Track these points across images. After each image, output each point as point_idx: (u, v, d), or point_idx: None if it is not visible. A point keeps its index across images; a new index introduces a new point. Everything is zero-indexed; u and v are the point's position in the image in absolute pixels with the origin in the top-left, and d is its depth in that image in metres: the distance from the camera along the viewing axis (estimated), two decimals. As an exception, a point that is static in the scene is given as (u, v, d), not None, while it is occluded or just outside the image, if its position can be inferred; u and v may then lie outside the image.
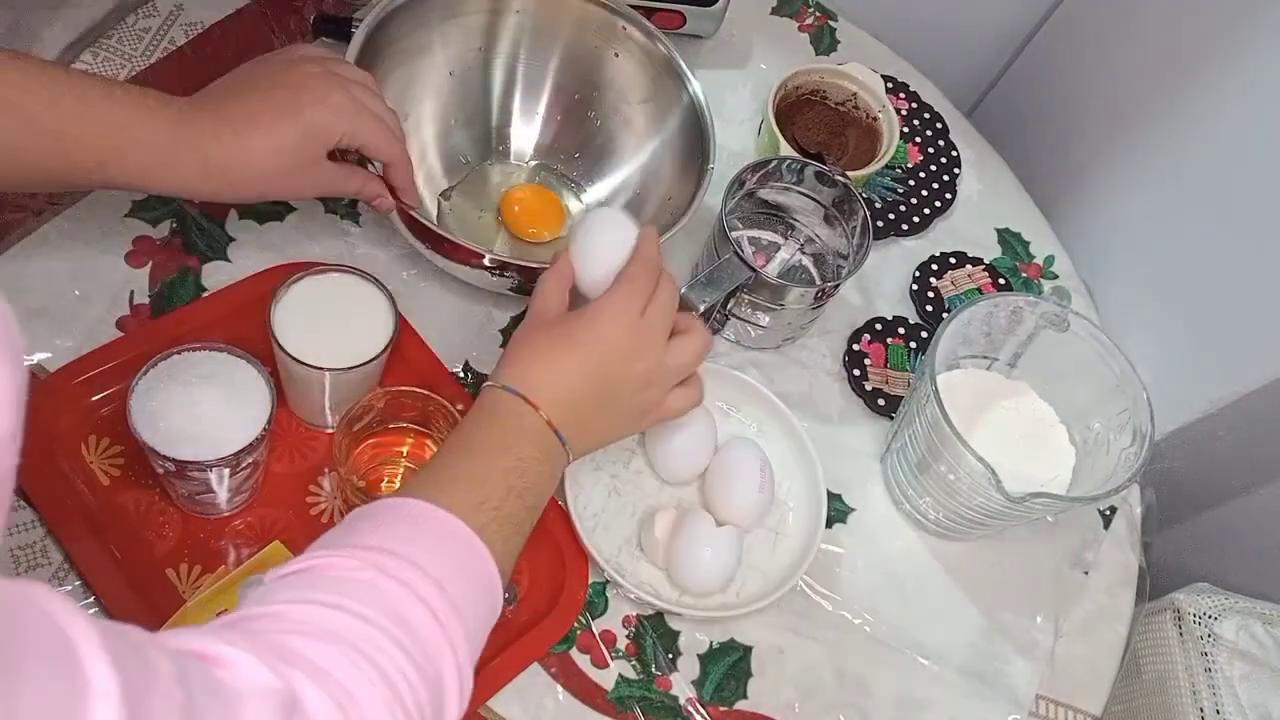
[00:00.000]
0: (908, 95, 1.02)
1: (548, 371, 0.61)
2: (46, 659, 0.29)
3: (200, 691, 0.35)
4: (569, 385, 0.61)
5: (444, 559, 0.51)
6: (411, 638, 0.47)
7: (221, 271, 0.78)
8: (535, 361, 0.62)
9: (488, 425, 0.60)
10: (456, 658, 0.49)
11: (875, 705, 0.74)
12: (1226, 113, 0.86)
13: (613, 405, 0.63)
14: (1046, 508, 0.73)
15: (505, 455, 0.58)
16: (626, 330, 0.62)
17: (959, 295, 0.92)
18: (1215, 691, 0.84)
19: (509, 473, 0.57)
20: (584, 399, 0.61)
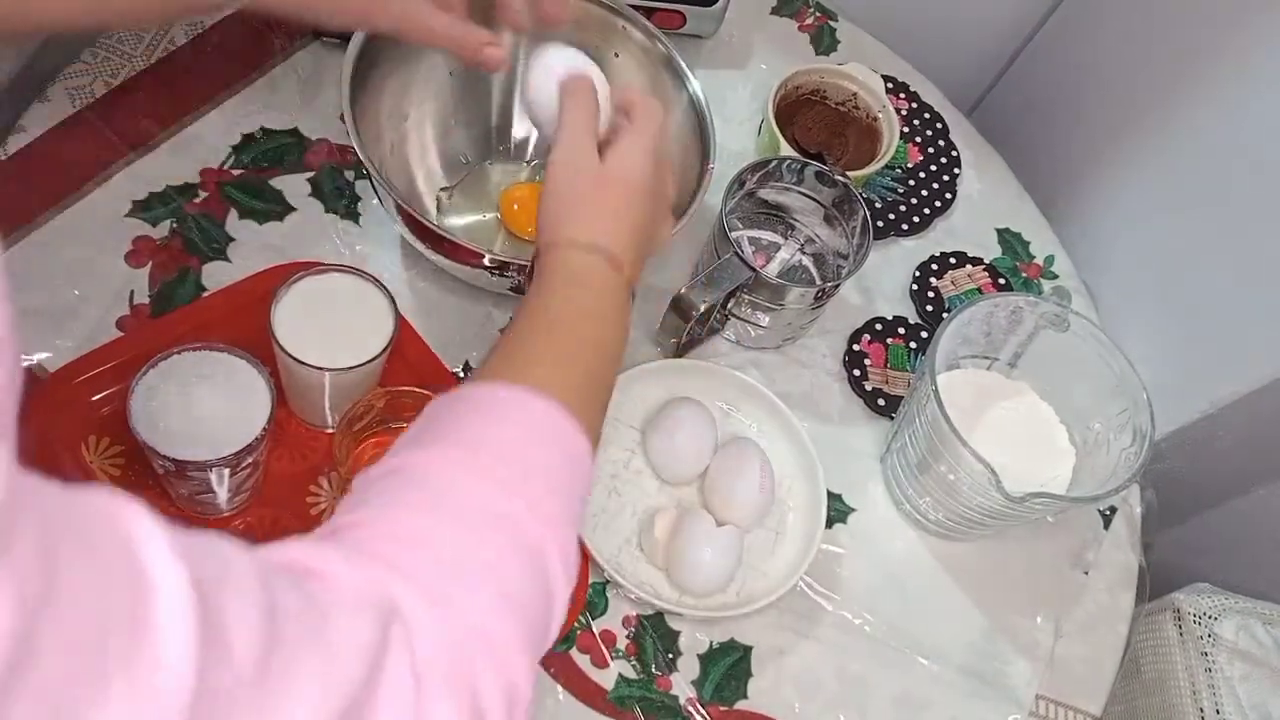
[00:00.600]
0: (908, 95, 1.02)
1: (612, 217, 0.59)
2: (105, 555, 0.28)
3: (288, 598, 0.34)
4: (634, 223, 0.59)
5: (533, 444, 0.49)
6: (508, 532, 0.45)
7: (221, 271, 0.78)
8: (593, 209, 0.59)
9: (565, 292, 0.56)
10: (557, 542, 0.46)
11: (875, 705, 0.74)
12: (1226, 113, 0.86)
13: (651, 228, 0.62)
14: (1046, 508, 0.73)
15: (584, 325, 0.55)
16: (655, 157, 0.61)
17: (959, 295, 0.92)
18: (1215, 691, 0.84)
19: (589, 344, 0.55)
20: (643, 230, 0.60)
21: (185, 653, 0.28)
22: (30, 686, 0.24)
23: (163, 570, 0.29)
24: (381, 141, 0.81)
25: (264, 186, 0.83)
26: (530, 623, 0.44)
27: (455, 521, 0.44)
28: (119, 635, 0.27)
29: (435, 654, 0.39)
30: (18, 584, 0.25)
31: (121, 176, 0.80)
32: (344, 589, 0.37)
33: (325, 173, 0.84)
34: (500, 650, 0.41)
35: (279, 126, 0.86)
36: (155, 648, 0.28)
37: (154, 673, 0.28)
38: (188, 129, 0.84)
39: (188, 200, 0.80)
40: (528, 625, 0.44)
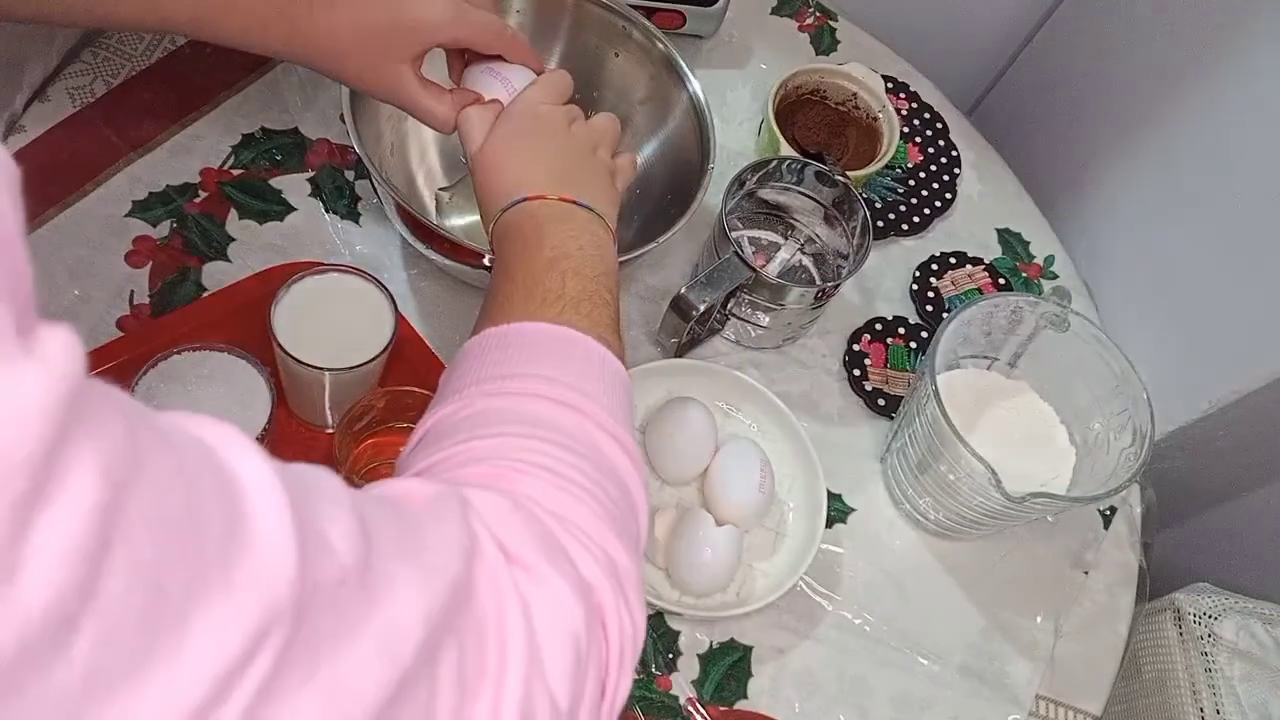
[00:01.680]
0: (908, 95, 1.02)
1: (525, 160, 0.62)
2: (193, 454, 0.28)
3: (377, 510, 0.34)
4: (546, 161, 0.61)
5: (548, 358, 0.50)
6: (560, 432, 0.46)
7: (221, 271, 0.78)
8: (509, 161, 0.62)
9: (511, 245, 0.58)
10: (623, 445, 0.48)
11: (875, 705, 0.74)
12: (1226, 113, 0.86)
13: (584, 161, 0.63)
14: (1046, 508, 0.73)
15: (539, 252, 0.56)
16: (541, 108, 0.64)
17: (959, 295, 0.92)
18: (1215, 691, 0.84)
19: (552, 263, 0.55)
20: (562, 165, 0.62)
21: (285, 541, 0.28)
22: (123, 561, 0.23)
23: (253, 470, 0.29)
24: (381, 141, 0.81)
25: (264, 186, 0.83)
26: (605, 502, 0.44)
27: (513, 438, 0.45)
28: (214, 523, 0.27)
29: (524, 539, 0.39)
30: (103, 455, 0.23)
31: (121, 176, 0.80)
32: (424, 497, 0.38)
33: (325, 173, 0.84)
34: (586, 526, 0.42)
35: (279, 126, 0.86)
36: (253, 535, 0.27)
37: (255, 556, 0.27)
38: (188, 129, 0.84)
39: (188, 200, 0.80)
40: (603, 504, 0.44)
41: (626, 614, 0.42)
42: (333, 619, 0.29)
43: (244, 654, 0.26)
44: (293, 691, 0.27)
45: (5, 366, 0.22)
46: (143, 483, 0.24)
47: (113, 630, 0.23)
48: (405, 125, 0.84)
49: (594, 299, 0.55)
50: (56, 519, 0.22)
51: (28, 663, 0.22)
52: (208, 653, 0.25)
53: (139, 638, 0.24)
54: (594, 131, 0.65)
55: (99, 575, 0.23)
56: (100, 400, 0.24)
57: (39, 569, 0.21)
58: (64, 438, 0.22)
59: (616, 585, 0.42)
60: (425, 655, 0.32)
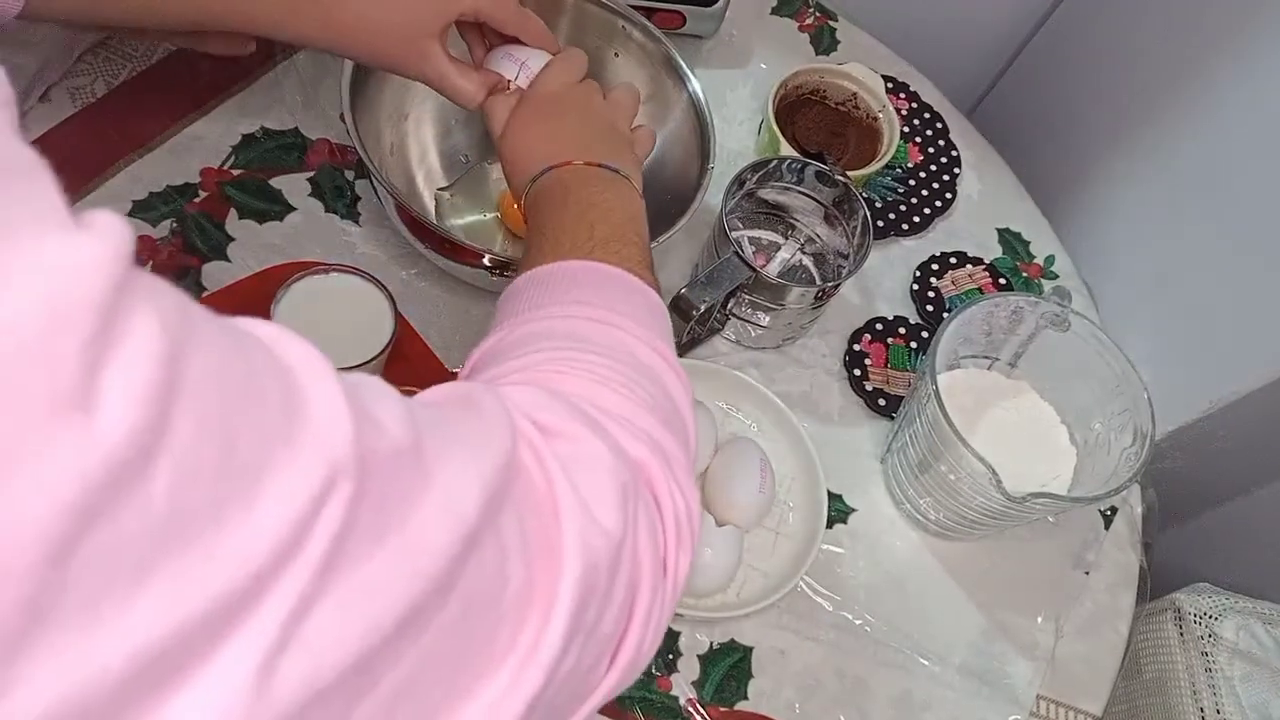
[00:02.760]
0: (908, 95, 1.02)
1: (547, 137, 0.64)
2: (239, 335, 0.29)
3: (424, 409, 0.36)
4: (570, 132, 0.64)
5: (586, 289, 0.52)
6: (603, 344, 0.48)
7: (221, 271, 0.78)
8: (533, 140, 0.64)
9: (540, 210, 0.61)
10: (670, 364, 0.49)
11: (875, 705, 0.74)
12: (1227, 112, 0.86)
13: (603, 133, 0.66)
14: (1047, 508, 0.73)
15: (566, 208, 0.59)
16: (562, 86, 0.67)
17: (959, 295, 0.92)
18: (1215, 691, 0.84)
19: (580, 214, 0.58)
20: (584, 137, 0.64)
21: (339, 412, 0.29)
22: (191, 409, 0.24)
23: (303, 352, 0.30)
24: (381, 141, 0.81)
25: (264, 186, 0.83)
26: (660, 410, 0.46)
27: (574, 351, 0.47)
28: (271, 392, 0.28)
29: (562, 416, 0.41)
30: (160, 313, 0.24)
31: (122, 176, 0.80)
32: (461, 394, 0.40)
33: (325, 173, 0.84)
34: (636, 420, 0.43)
35: (279, 126, 0.86)
36: (310, 405, 0.28)
37: (314, 423, 0.28)
38: (188, 129, 0.84)
39: (188, 200, 0.80)
40: (659, 411, 0.45)
41: (678, 491, 0.43)
42: (394, 484, 0.30)
43: (313, 505, 0.27)
44: (366, 545, 0.29)
45: (63, 233, 0.23)
46: (200, 346, 0.26)
47: (189, 473, 0.24)
48: (405, 125, 0.84)
49: (622, 239, 0.57)
50: (127, 359, 0.23)
51: (116, 491, 0.23)
52: (280, 503, 0.26)
53: (214, 484, 0.25)
54: (613, 105, 0.68)
55: (170, 417, 0.24)
56: (149, 277, 0.25)
57: (116, 402, 0.23)
58: (124, 289, 0.23)
59: (664, 464, 0.43)
60: (488, 517, 0.33)
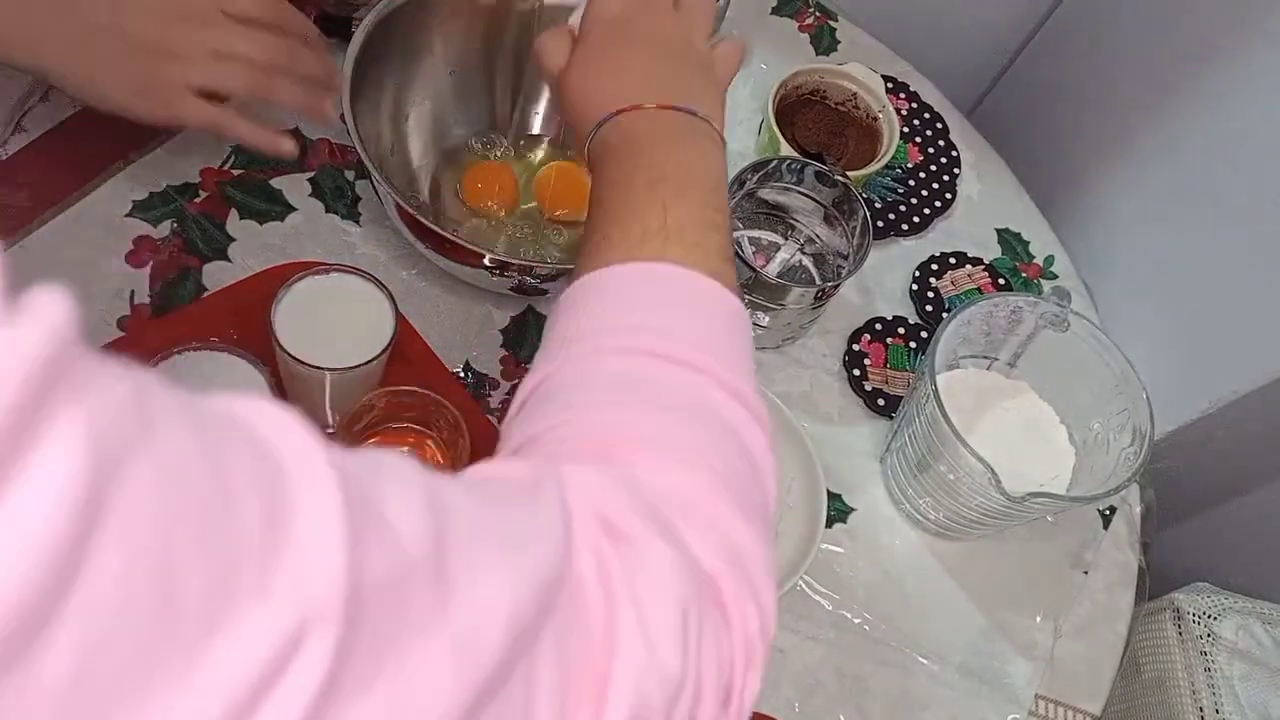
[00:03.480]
0: (908, 95, 1.02)
1: (611, 71, 0.55)
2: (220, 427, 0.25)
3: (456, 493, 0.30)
4: (637, 66, 0.55)
5: (655, 307, 0.45)
6: (675, 398, 0.41)
7: (221, 271, 0.78)
8: (593, 81, 0.55)
9: (604, 173, 0.52)
10: (748, 408, 0.43)
11: (875, 705, 0.74)
12: (1226, 113, 0.86)
13: (678, 58, 0.57)
14: (1046, 508, 0.73)
15: (634, 178, 0.50)
16: (621, 7, 0.58)
17: (959, 295, 0.92)
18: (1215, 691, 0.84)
19: (650, 188, 0.49)
20: (654, 66, 0.55)
21: (332, 530, 0.24)
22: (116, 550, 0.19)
23: (297, 446, 0.25)
24: (381, 141, 0.81)
25: (264, 186, 0.83)
26: (739, 491, 0.39)
27: (639, 408, 0.40)
28: (247, 508, 0.23)
29: (628, 513, 0.35)
30: (94, 424, 0.20)
31: (121, 176, 0.80)
32: (517, 477, 0.34)
33: (325, 173, 0.84)
34: (707, 511, 0.37)
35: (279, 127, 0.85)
36: (295, 523, 0.24)
37: (296, 549, 0.23)
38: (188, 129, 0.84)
39: (188, 200, 0.80)
40: (738, 493, 0.39)
41: (753, 605, 0.37)
42: (396, 614, 0.25)
43: (278, 661, 0.22)
44: (348, 698, 0.24)
45: None
46: (148, 458, 0.21)
47: (106, 632, 0.20)
48: (405, 125, 0.84)
49: (701, 225, 0.49)
50: (31, 487, 0.19)
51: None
52: (235, 661, 0.21)
53: (144, 641, 0.20)
54: (684, 20, 0.58)
55: (83, 564, 0.19)
56: (97, 364, 0.21)
57: (6, 551, 0.18)
58: (43, 402, 0.19)
59: (740, 572, 0.37)
60: (519, 649, 0.28)
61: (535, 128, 0.89)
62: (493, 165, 0.87)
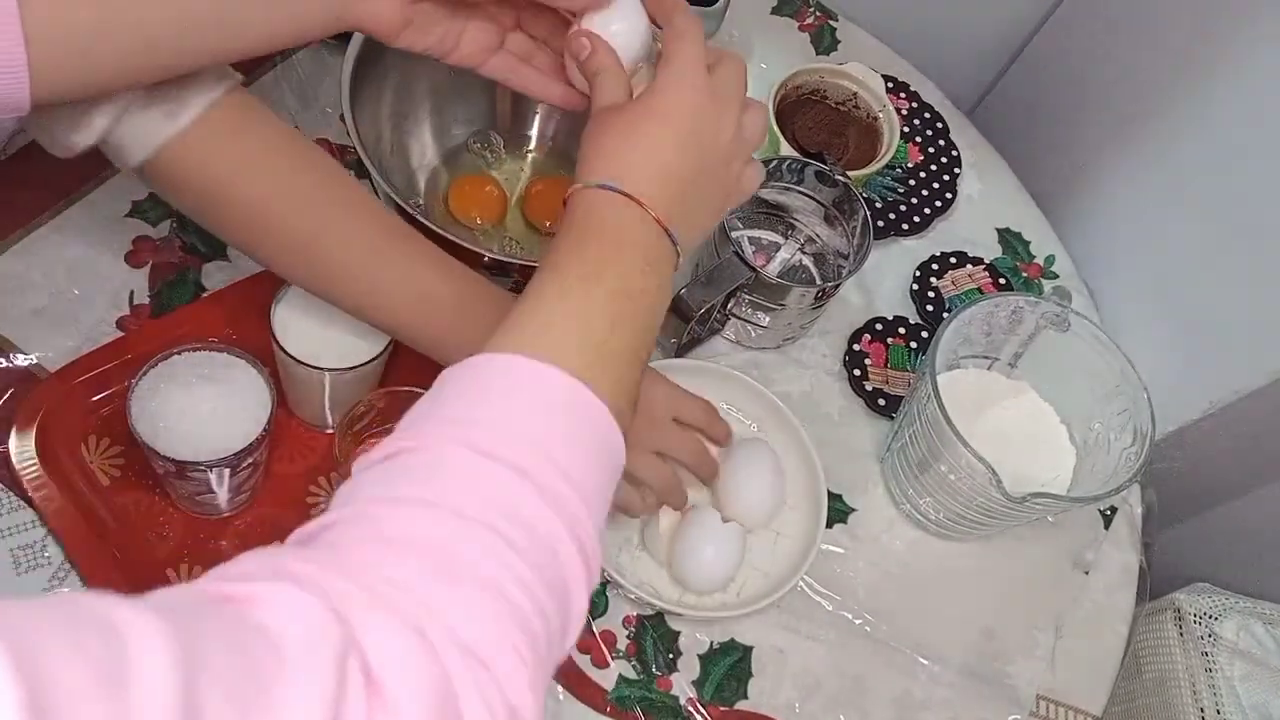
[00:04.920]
0: (908, 95, 1.02)
1: (639, 153, 0.52)
2: None
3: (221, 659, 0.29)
4: (666, 163, 0.52)
5: (544, 418, 0.43)
6: (518, 524, 0.39)
7: (221, 271, 0.78)
8: (621, 146, 0.53)
9: (579, 243, 0.50)
10: (575, 535, 0.41)
11: (875, 705, 0.74)
12: (1226, 113, 0.86)
13: (709, 181, 0.55)
14: (1047, 508, 0.73)
15: (605, 278, 0.49)
16: (706, 92, 0.54)
17: (959, 295, 0.92)
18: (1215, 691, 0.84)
19: (612, 298, 0.48)
20: (683, 177, 0.53)
21: None
22: None
23: None
24: (381, 141, 0.81)
25: (264, 186, 0.82)
26: (537, 633, 0.38)
27: (450, 517, 0.39)
28: None
29: (411, 689, 0.33)
30: None
31: (121, 176, 0.80)
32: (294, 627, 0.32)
33: (325, 173, 0.84)
34: (499, 671, 0.36)
35: (279, 126, 0.85)
36: None
37: None
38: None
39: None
40: (534, 635, 0.38)
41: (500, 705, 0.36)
42: None
43: None
44: None
45: None
46: None
47: None
48: (405, 125, 0.84)
49: (633, 357, 0.49)
50: None
51: None
52: None
53: None
54: (736, 144, 0.56)
55: None
56: None
57: None
58: None
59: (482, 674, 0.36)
60: None
61: (534, 128, 0.89)
62: (478, 179, 0.87)
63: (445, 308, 0.64)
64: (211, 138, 0.59)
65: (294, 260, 0.63)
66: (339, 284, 0.64)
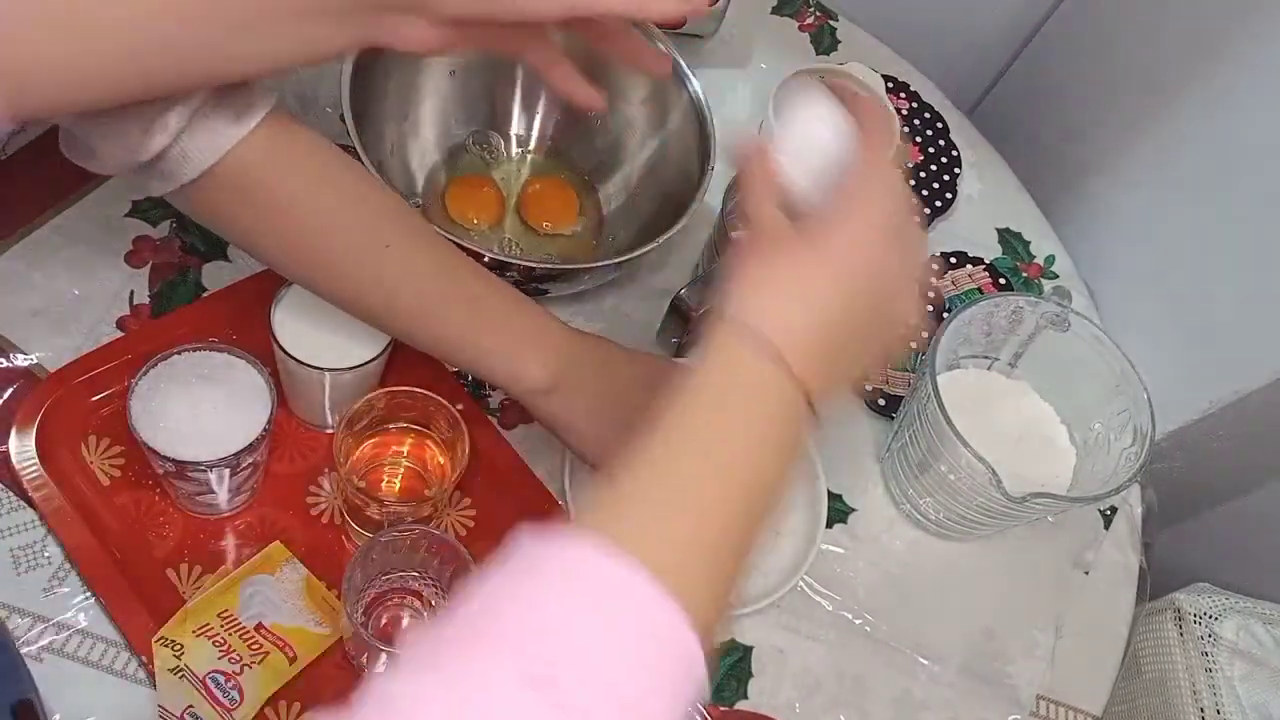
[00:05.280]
0: (908, 95, 1.02)
1: (799, 304, 0.45)
2: None
3: None
4: (829, 322, 0.45)
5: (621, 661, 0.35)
6: None
7: (222, 271, 0.78)
8: (781, 291, 0.46)
9: (701, 394, 0.44)
10: None
11: (875, 705, 0.74)
12: (1226, 113, 0.86)
13: (869, 331, 0.48)
14: (1047, 508, 0.73)
15: (721, 447, 0.42)
16: (886, 233, 0.47)
17: (959, 295, 0.92)
18: (1215, 691, 0.84)
19: (728, 483, 0.41)
20: (844, 331, 0.46)
21: None
22: None
23: None
24: (382, 142, 0.81)
25: (264, 186, 0.82)
26: None
27: None
28: None
29: None
30: None
31: (122, 176, 0.80)
32: None
33: (325, 173, 0.84)
34: None
35: (279, 126, 0.85)
36: None
37: None
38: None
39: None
40: None
41: None
42: None
43: None
44: None
45: None
46: None
47: None
48: (405, 125, 0.84)
49: (736, 556, 0.41)
50: None
51: None
52: None
53: None
54: (908, 272, 0.49)
55: None
56: None
57: None
58: None
59: None
60: None
61: (534, 128, 0.89)
62: (475, 179, 0.87)
63: (485, 312, 0.64)
64: (279, 140, 0.58)
65: (348, 282, 0.62)
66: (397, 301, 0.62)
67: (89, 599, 0.65)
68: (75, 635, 0.65)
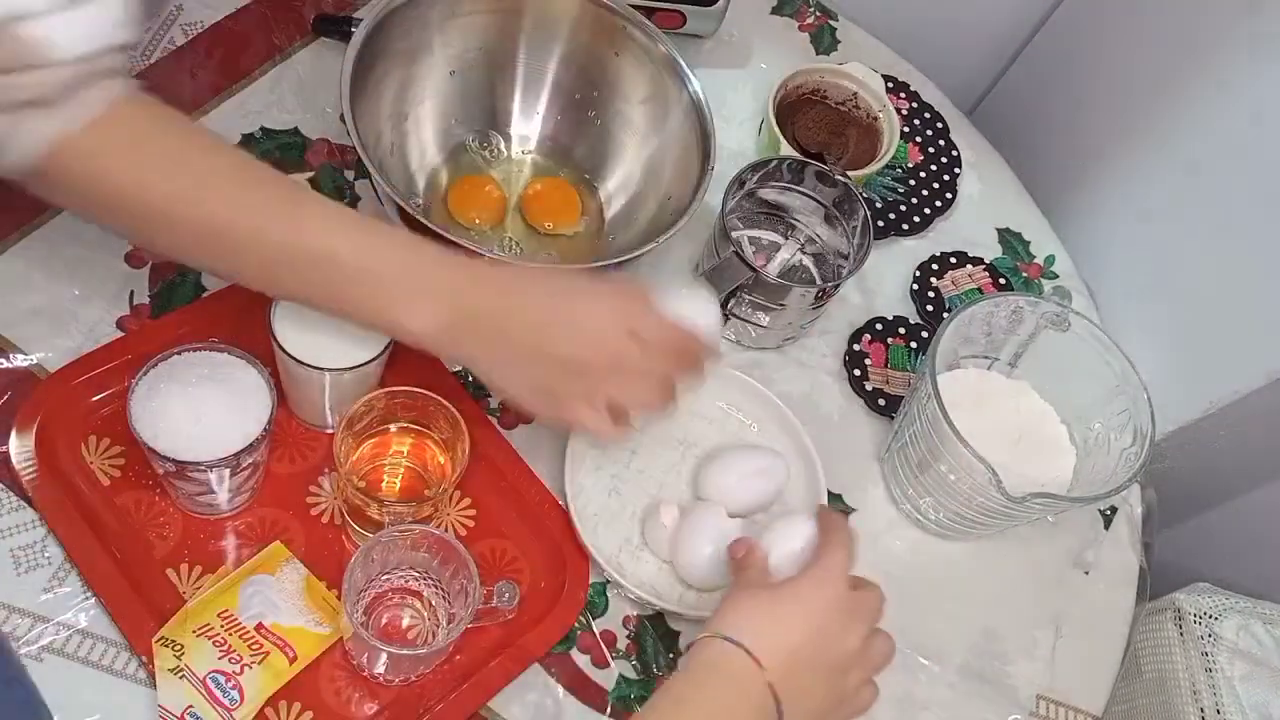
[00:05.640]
0: (908, 95, 1.02)
1: (770, 624, 0.59)
2: None
3: None
4: (792, 644, 0.58)
5: None
6: None
7: (221, 271, 0.78)
8: (757, 614, 0.59)
9: (700, 684, 0.57)
10: None
11: (875, 705, 0.74)
12: (1227, 113, 0.86)
13: (826, 678, 0.60)
14: (1047, 508, 0.73)
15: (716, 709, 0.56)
16: (845, 599, 0.61)
17: (959, 295, 0.92)
18: (1215, 691, 0.83)
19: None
20: (803, 661, 0.58)
21: None
22: None
23: None
24: (381, 142, 0.81)
25: (264, 186, 0.82)
26: None
27: None
28: None
29: None
30: None
31: (121, 176, 0.80)
32: None
33: (325, 173, 0.84)
34: None
35: (279, 126, 0.86)
36: None
37: None
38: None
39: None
40: None
41: None
42: None
43: None
44: None
45: None
46: None
47: None
48: (405, 125, 0.84)
49: None
50: None
51: None
52: None
53: None
54: (866, 656, 0.61)
55: None
56: None
57: None
58: None
59: None
60: None
61: (535, 129, 0.89)
62: (477, 179, 0.87)
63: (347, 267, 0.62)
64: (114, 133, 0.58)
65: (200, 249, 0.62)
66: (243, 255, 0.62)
67: (89, 599, 0.65)
68: (75, 635, 0.65)
